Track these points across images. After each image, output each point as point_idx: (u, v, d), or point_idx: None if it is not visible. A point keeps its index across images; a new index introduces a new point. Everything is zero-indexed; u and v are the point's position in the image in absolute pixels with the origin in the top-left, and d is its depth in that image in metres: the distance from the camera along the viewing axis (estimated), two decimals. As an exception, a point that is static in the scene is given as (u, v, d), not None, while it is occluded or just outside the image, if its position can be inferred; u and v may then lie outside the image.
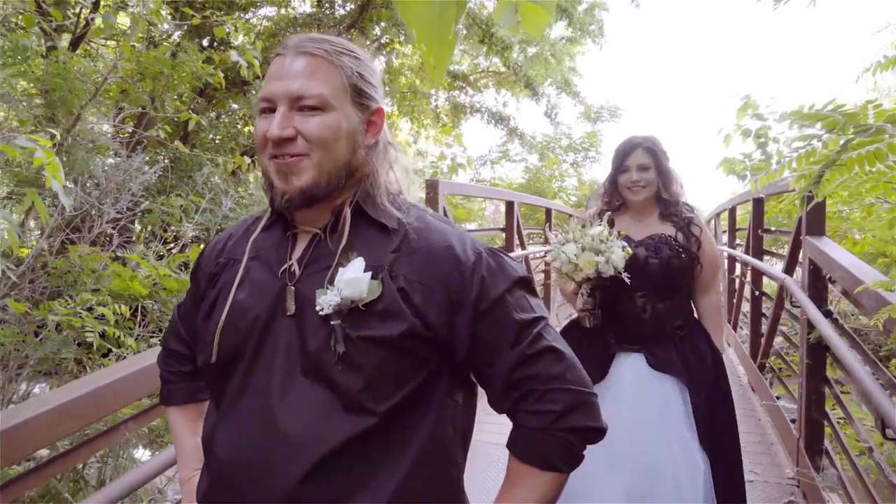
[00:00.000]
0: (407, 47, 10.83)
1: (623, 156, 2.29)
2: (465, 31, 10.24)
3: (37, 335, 4.01)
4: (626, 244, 2.10)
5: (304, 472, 0.88)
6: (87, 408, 1.48)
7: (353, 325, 0.91)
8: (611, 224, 2.26)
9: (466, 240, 0.98)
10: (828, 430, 3.02)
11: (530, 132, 12.93)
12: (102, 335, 3.36)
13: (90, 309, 3.42)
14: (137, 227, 6.91)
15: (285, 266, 0.98)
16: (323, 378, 0.91)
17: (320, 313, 0.91)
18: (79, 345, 3.85)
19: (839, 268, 2.62)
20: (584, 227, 2.15)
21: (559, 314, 6.68)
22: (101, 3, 6.60)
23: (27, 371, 4.02)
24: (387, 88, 10.83)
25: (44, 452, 2.21)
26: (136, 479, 1.58)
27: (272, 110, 0.95)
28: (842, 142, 1.52)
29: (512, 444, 0.97)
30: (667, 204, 2.29)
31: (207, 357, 0.98)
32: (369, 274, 0.92)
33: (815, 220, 3.21)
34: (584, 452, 0.96)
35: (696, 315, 2.35)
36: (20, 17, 4.96)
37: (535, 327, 0.95)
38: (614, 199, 2.37)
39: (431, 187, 3.78)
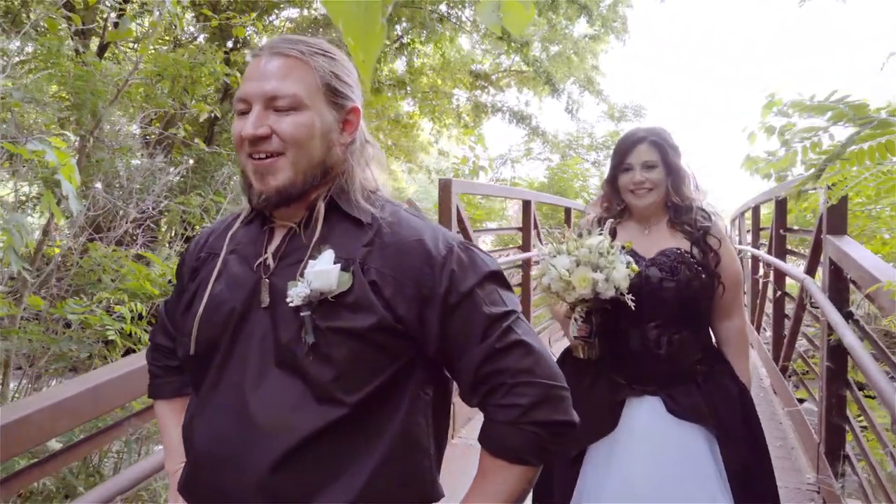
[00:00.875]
0: (428, 47, 10.84)
1: (624, 152, 1.92)
2: (483, 30, 10.21)
3: (64, 333, 4.11)
4: (631, 259, 1.77)
5: (274, 461, 0.90)
6: (87, 404, 1.51)
7: (324, 317, 0.92)
8: (612, 234, 1.91)
9: (439, 234, 0.99)
10: (850, 435, 2.94)
11: (552, 131, 12.85)
12: (121, 333, 3.43)
13: (109, 310, 3.49)
14: (164, 226, 7.04)
15: (260, 259, 1.00)
16: (295, 369, 0.93)
17: (290, 305, 0.93)
18: (106, 342, 3.94)
19: (859, 268, 2.54)
20: (580, 235, 1.82)
21: (552, 339, 6.02)
22: (129, 7, 6.74)
23: (54, 367, 4.12)
24: (408, 88, 10.86)
25: (57, 446, 2.25)
26: (132, 477, 1.61)
27: (249, 111, 0.97)
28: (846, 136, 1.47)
29: (482, 438, 0.98)
30: (678, 210, 1.91)
31: (186, 349, 1.01)
32: (338, 266, 0.93)
33: (837, 219, 3.12)
34: (555, 446, 0.97)
35: (714, 342, 2.00)
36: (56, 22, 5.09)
37: (506, 321, 0.96)
38: (615, 204, 2.00)
39: (444, 187, 3.78)
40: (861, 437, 2.87)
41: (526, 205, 5.58)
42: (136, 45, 8.08)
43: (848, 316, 2.90)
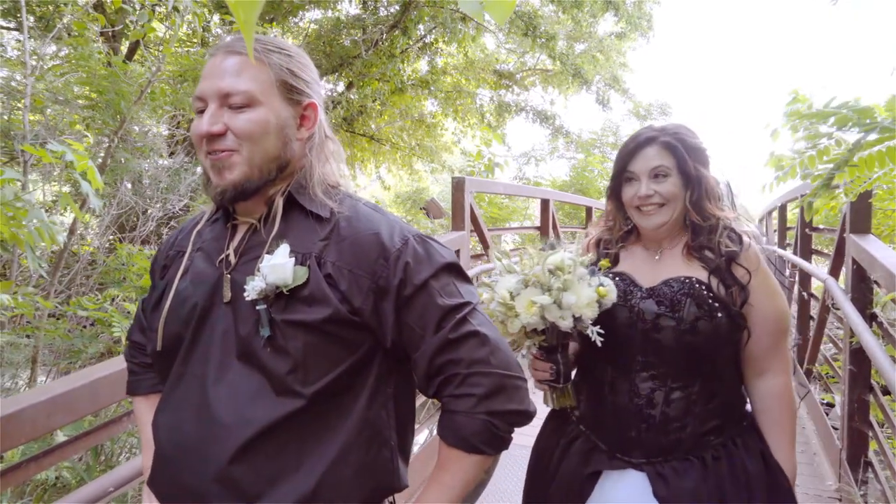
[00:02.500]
0: (452, 47, 10.83)
1: (627, 156, 1.46)
2: (507, 27, 10.17)
3: (83, 329, 4.21)
4: (607, 282, 1.36)
5: (233, 453, 0.91)
6: (83, 400, 1.52)
7: (280, 310, 0.94)
8: (614, 261, 1.52)
9: (395, 227, 1.00)
10: (874, 442, 2.84)
11: (576, 130, 12.76)
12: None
13: (123, 309, 3.55)
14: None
15: (222, 255, 1.02)
16: (254, 362, 0.94)
17: (247, 299, 0.94)
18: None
19: (880, 268, 2.46)
20: (552, 247, 1.40)
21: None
22: (157, 10, 6.87)
23: (79, 363, 4.23)
24: (431, 88, 10.86)
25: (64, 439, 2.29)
26: (122, 475, 1.62)
27: (206, 109, 0.98)
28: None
29: (439, 429, 0.99)
30: (697, 231, 1.44)
31: (154, 345, 1.04)
32: (293, 260, 0.95)
33: (860, 217, 3.02)
34: (510, 435, 0.98)
35: (748, 407, 1.49)
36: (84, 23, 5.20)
37: (460, 312, 0.97)
38: (619, 223, 1.54)
39: (457, 186, 3.76)
40: (885, 443, 2.77)
41: (544, 204, 5.53)
42: (162, 48, 8.25)
43: (872, 318, 2.80)
